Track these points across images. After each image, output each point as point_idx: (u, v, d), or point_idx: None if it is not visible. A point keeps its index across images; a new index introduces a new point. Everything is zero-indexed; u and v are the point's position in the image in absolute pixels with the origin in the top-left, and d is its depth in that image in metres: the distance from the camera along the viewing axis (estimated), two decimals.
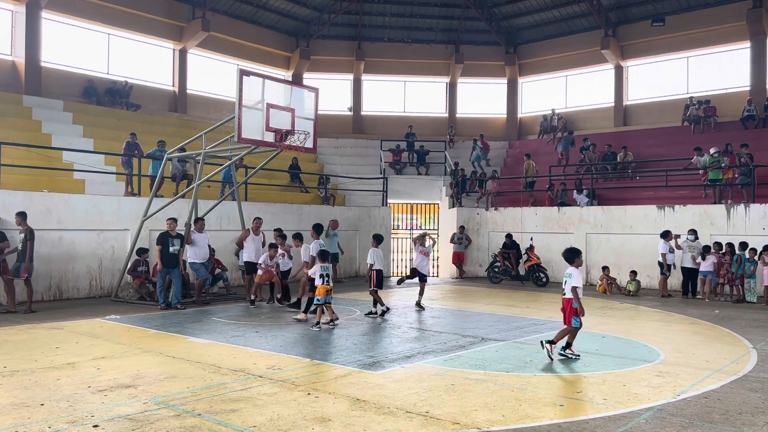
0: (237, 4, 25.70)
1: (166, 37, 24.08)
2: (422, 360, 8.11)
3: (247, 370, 7.38)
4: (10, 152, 14.40)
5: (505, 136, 28.68)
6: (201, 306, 12.99)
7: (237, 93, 12.03)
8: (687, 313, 12.80)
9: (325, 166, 24.73)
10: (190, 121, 23.46)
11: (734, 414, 5.86)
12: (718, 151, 18.05)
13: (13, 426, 5.23)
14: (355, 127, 28.61)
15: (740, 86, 23.36)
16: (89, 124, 19.24)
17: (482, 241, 21.20)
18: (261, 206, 17.67)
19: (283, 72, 27.91)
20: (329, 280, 10.73)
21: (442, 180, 23.58)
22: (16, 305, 11.97)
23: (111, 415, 5.57)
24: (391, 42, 28.92)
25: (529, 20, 28.11)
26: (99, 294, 14.34)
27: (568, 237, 19.19)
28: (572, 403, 6.19)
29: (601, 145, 22.97)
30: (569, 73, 28.10)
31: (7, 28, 20.12)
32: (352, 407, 5.90)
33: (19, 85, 19.75)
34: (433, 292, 16.55)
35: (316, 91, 13.68)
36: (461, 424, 5.45)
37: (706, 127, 22.30)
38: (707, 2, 23.96)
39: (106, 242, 14.51)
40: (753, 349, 9.07)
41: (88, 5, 21.56)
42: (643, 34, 25.40)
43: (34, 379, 6.83)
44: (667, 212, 17.30)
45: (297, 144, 12.91)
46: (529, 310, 13.16)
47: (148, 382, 6.73)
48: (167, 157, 14.94)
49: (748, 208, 16.07)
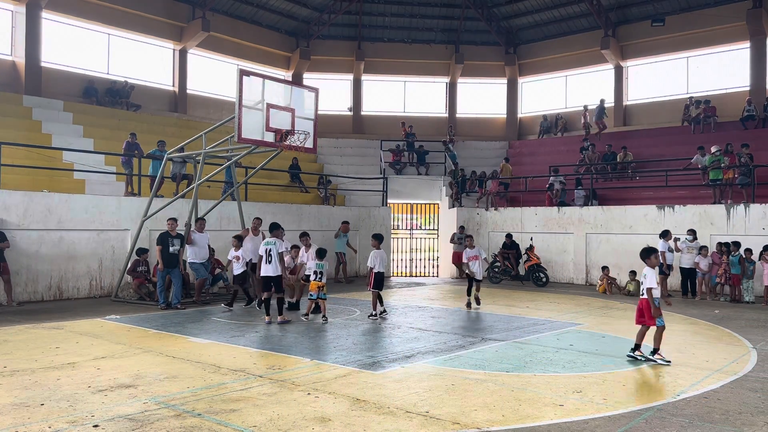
0: (237, 4, 25.70)
1: (166, 37, 24.09)
2: (422, 360, 8.11)
3: (247, 370, 7.38)
4: (10, 152, 14.41)
5: (505, 136, 28.68)
6: (201, 306, 12.99)
7: (237, 93, 12.03)
8: (687, 313, 12.81)
9: (325, 166, 24.73)
10: (190, 121, 23.46)
11: (734, 414, 5.86)
12: (720, 150, 18.04)
13: (13, 426, 5.24)
14: (355, 127, 28.61)
15: (740, 86, 23.36)
16: (89, 124, 19.24)
17: (482, 241, 21.18)
18: (261, 206, 17.67)
19: (283, 72, 27.91)
20: (322, 277, 11.34)
21: (442, 180, 23.58)
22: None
23: (111, 415, 5.57)
24: (391, 42, 28.92)
25: (529, 20, 28.11)
26: (99, 294, 14.34)
27: (568, 237, 19.21)
28: (572, 403, 6.19)
29: (600, 145, 22.98)
30: (569, 73, 28.10)
31: (7, 28, 20.12)
32: (352, 407, 5.90)
33: (19, 85, 19.75)
34: (433, 292, 16.55)
35: (316, 91, 13.68)
36: (461, 424, 5.45)
37: (706, 127, 22.31)
38: (707, 2, 23.96)
39: (106, 242, 14.51)
40: (753, 349, 9.07)
41: (88, 5, 21.56)
42: (643, 34, 25.40)
43: (34, 379, 6.83)
44: (667, 212, 17.31)
45: (297, 144, 12.91)
46: (529, 310, 13.16)
47: (148, 382, 6.74)
48: (167, 157, 14.95)
49: (748, 208, 16.07)
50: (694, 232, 15.75)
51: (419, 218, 24.58)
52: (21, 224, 13.10)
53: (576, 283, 18.99)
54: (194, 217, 13.49)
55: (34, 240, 13.32)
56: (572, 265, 19.18)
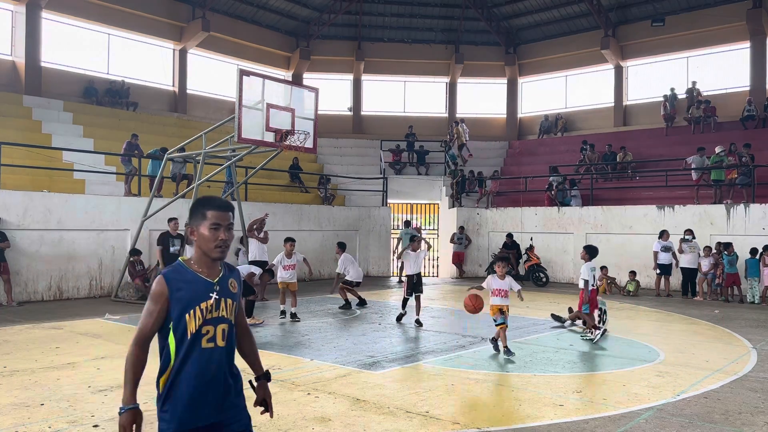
0: (237, 4, 25.70)
1: (166, 37, 24.08)
2: (422, 360, 8.11)
3: (247, 370, 7.36)
4: (10, 152, 14.40)
5: (505, 136, 28.68)
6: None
7: (237, 93, 12.02)
8: (687, 313, 12.81)
9: (325, 166, 24.72)
10: (190, 121, 23.46)
11: (734, 414, 5.86)
12: (724, 150, 18.02)
13: (13, 426, 5.24)
14: (355, 127, 28.60)
15: (740, 86, 23.37)
16: (89, 124, 19.24)
17: (482, 241, 21.20)
18: (261, 206, 17.66)
19: (283, 72, 27.90)
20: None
21: (442, 180, 23.59)
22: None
23: (111, 415, 5.56)
24: (391, 42, 28.91)
25: (529, 20, 28.10)
26: (99, 294, 14.34)
27: (568, 237, 19.20)
28: (572, 403, 6.19)
29: (600, 145, 22.98)
30: (569, 73, 28.09)
31: (7, 28, 20.11)
32: (352, 407, 5.90)
33: (19, 85, 19.74)
34: (433, 292, 16.55)
35: (316, 91, 13.68)
36: (461, 424, 5.45)
37: (706, 127, 22.31)
38: (707, 2, 23.96)
39: (106, 242, 14.51)
40: (753, 349, 9.07)
41: (88, 5, 21.56)
42: (643, 34, 25.39)
43: (34, 379, 6.83)
44: (667, 212, 17.31)
45: (297, 144, 12.90)
46: (529, 310, 13.16)
47: (148, 382, 6.71)
48: (167, 157, 14.95)
49: (748, 208, 16.07)
50: (692, 231, 15.73)
51: (419, 218, 24.57)
52: (21, 224, 13.10)
53: (576, 283, 18.97)
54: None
55: (34, 240, 13.32)
56: (572, 265, 19.16)
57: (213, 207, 2.88)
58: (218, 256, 2.88)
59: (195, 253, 2.93)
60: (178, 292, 2.79)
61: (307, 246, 17.77)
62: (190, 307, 2.79)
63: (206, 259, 2.89)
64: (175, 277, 2.83)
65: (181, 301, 2.79)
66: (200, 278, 2.87)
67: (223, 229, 2.86)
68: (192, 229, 2.90)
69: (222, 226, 2.86)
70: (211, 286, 2.87)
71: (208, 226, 2.85)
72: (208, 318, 2.83)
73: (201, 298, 2.83)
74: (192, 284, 2.84)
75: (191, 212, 2.94)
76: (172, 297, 2.79)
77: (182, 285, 2.81)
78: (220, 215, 2.87)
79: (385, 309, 13.07)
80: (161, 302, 2.79)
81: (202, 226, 2.86)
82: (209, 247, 2.86)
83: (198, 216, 2.88)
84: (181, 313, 2.78)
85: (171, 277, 2.83)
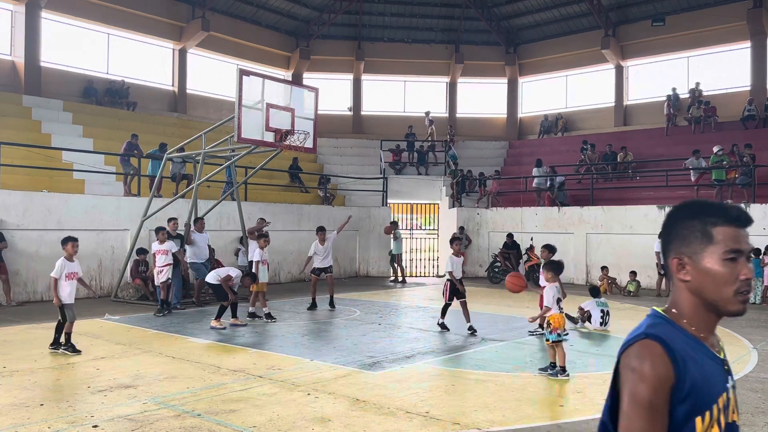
0: (237, 4, 25.69)
1: (166, 37, 24.08)
2: (422, 360, 8.10)
3: (247, 370, 7.37)
4: (10, 152, 14.39)
5: (506, 136, 28.67)
6: (201, 306, 12.98)
7: (237, 93, 12.02)
8: None
9: (325, 166, 24.71)
10: (189, 121, 23.44)
11: None
12: (722, 149, 18.01)
13: (13, 426, 5.23)
14: (355, 127, 28.59)
15: (740, 86, 23.36)
16: (89, 124, 19.22)
17: (482, 241, 21.19)
18: (261, 206, 17.67)
19: (283, 72, 27.89)
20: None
21: (442, 180, 23.58)
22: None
23: (111, 415, 5.56)
24: (391, 42, 28.90)
25: (529, 20, 28.10)
26: (99, 294, 14.32)
27: (569, 237, 19.18)
28: (572, 403, 6.18)
29: (601, 145, 22.96)
30: (569, 73, 28.09)
31: (6, 28, 20.11)
32: (352, 407, 5.89)
33: (19, 85, 19.73)
34: (433, 292, 16.54)
35: (316, 91, 13.68)
36: (461, 424, 5.44)
37: (706, 127, 22.30)
38: (707, 2, 23.95)
39: (106, 242, 14.50)
40: (753, 349, 9.06)
41: (88, 5, 21.55)
42: (644, 34, 25.39)
43: (34, 379, 6.82)
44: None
45: (297, 144, 12.90)
46: (529, 310, 13.14)
47: (148, 382, 6.72)
48: (167, 157, 14.94)
49: (748, 208, 16.05)
50: None
51: (419, 218, 24.57)
52: (20, 224, 13.09)
53: (576, 283, 18.97)
54: (194, 217, 13.48)
55: (34, 240, 13.31)
56: (572, 265, 19.14)
57: (726, 219, 1.71)
58: (740, 309, 1.67)
59: (682, 301, 1.70)
60: (687, 374, 1.57)
61: (307, 246, 17.73)
62: (705, 404, 1.58)
63: (711, 317, 1.68)
64: (681, 347, 1.60)
65: (694, 394, 1.57)
66: (709, 352, 1.66)
67: (743, 259, 1.69)
68: (680, 259, 1.70)
69: (743, 253, 1.70)
70: (722, 366, 1.69)
71: (721, 254, 1.66)
72: (723, 426, 1.62)
73: (718, 390, 1.62)
74: (701, 363, 1.61)
75: (671, 226, 1.75)
76: (680, 386, 1.56)
77: (690, 363, 1.59)
78: (738, 235, 1.71)
79: (386, 309, 13.06)
80: (663, 395, 1.54)
81: (706, 254, 1.67)
82: (725, 295, 1.64)
83: (693, 235, 1.69)
84: (689, 414, 1.57)
85: (675, 346, 1.59)
